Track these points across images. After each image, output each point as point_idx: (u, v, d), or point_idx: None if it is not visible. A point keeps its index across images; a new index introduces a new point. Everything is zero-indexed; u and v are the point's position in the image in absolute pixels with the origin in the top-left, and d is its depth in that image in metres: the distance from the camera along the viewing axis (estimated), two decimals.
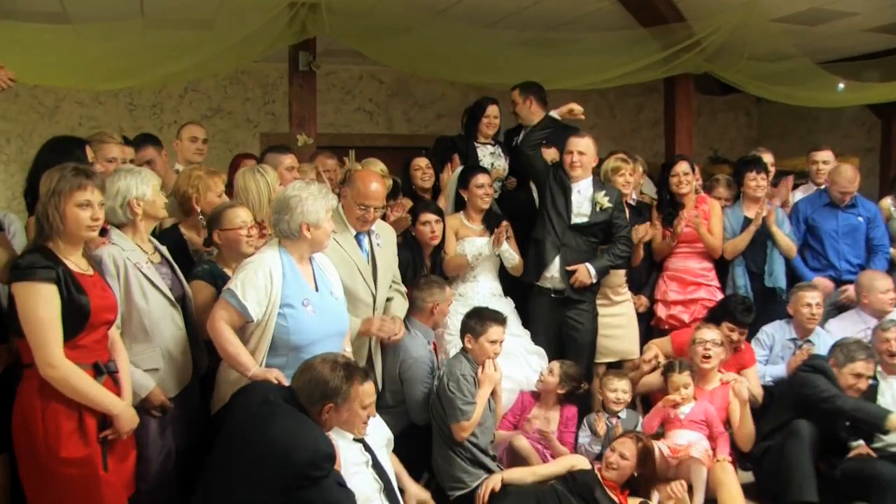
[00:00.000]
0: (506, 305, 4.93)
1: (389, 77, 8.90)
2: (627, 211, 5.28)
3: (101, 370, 2.96)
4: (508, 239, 4.96)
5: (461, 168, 5.27)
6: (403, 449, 4.12)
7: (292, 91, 6.60)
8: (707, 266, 5.37)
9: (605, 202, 4.95)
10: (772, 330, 5.10)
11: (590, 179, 5.04)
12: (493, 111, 5.66)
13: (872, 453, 4.21)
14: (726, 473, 4.14)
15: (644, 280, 5.45)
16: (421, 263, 4.80)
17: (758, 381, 4.86)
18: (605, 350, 5.15)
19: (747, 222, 5.36)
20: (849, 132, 8.87)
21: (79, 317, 2.89)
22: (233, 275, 3.50)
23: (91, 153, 3.72)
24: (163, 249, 3.56)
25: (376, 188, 3.97)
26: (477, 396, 4.06)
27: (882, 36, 7.15)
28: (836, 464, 4.22)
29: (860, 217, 5.57)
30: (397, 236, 4.51)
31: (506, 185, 5.62)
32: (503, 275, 5.06)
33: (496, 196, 5.39)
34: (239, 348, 3.32)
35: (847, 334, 4.80)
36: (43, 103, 7.99)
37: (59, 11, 6.12)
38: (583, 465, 4.11)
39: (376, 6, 6.14)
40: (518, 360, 4.72)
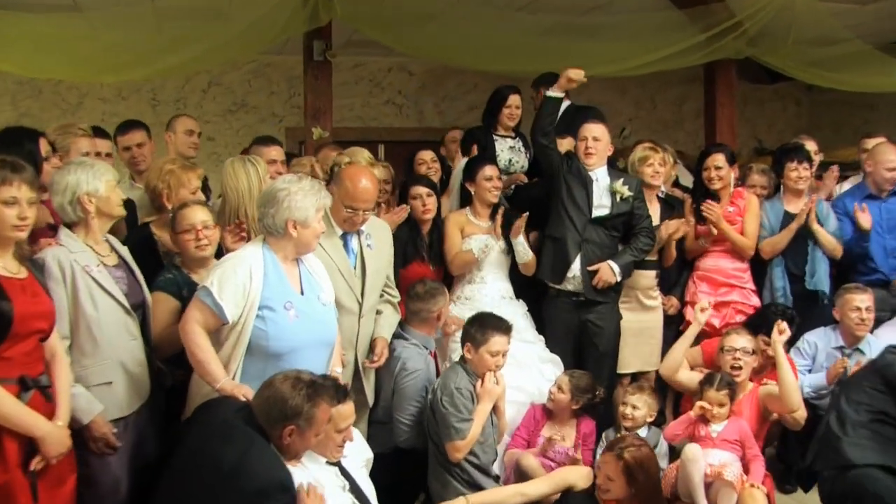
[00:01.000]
0: (517, 308, 4.56)
1: (420, 69, 8.59)
2: (658, 206, 4.86)
3: (28, 385, 2.66)
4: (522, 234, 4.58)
5: (466, 159, 4.88)
6: (398, 467, 3.82)
7: (307, 82, 6.33)
8: (741, 266, 4.89)
9: (626, 191, 4.55)
10: (814, 338, 4.63)
11: (605, 168, 4.65)
12: (515, 101, 5.25)
13: None
14: (756, 501, 3.70)
15: (675, 279, 5.00)
16: (420, 240, 4.53)
17: (799, 395, 4.32)
18: (632, 360, 4.74)
19: (788, 218, 4.88)
20: None
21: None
22: (209, 272, 3.20)
23: (45, 146, 3.45)
24: (122, 251, 3.28)
25: (366, 187, 3.60)
26: (475, 412, 3.71)
27: None
28: None
29: None
30: None
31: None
32: (515, 274, 4.67)
33: (509, 195, 5.01)
34: (209, 355, 3.03)
35: None
36: (66, 100, 7.90)
37: (68, 3, 5.93)
38: (581, 482, 3.70)
39: None
40: (530, 370, 4.34)
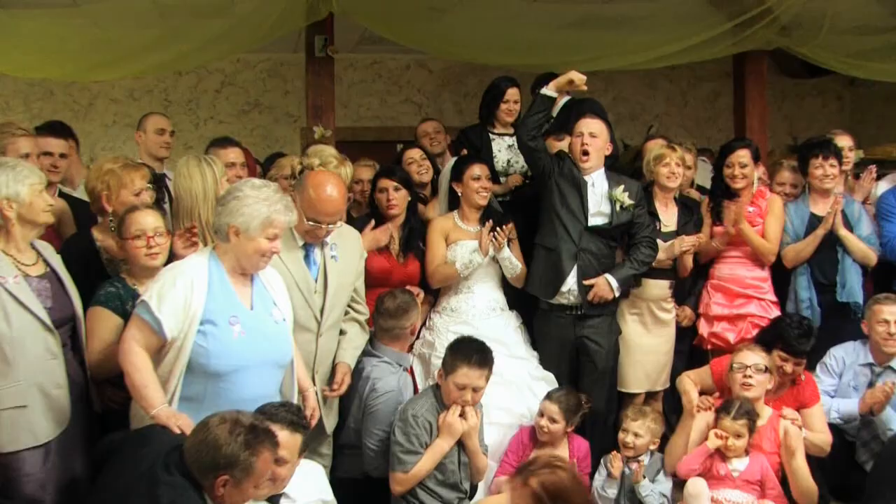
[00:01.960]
0: (509, 321, 4.19)
1: (439, 66, 8.28)
2: (676, 209, 4.42)
3: None
4: (511, 242, 4.19)
5: (454, 159, 4.50)
6: (369, 495, 3.49)
7: (308, 79, 6.04)
8: (760, 275, 4.41)
9: (626, 199, 4.12)
10: (841, 353, 4.16)
11: (602, 171, 4.22)
12: (514, 94, 4.83)
13: None
14: None
15: (689, 288, 4.55)
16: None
17: (824, 424, 3.91)
18: (642, 379, 4.32)
19: (814, 221, 4.39)
20: None
21: None
22: (149, 285, 2.91)
23: None
24: (51, 261, 3.00)
25: (331, 197, 3.26)
26: (430, 447, 3.34)
27: None
28: None
29: None
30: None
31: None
32: (508, 282, 4.27)
33: (507, 198, 4.63)
34: (147, 378, 2.74)
35: None
36: (77, 101, 7.79)
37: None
38: None
39: None
40: (519, 389, 3.96)
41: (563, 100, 4.82)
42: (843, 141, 4.67)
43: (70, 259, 3.16)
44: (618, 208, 4.13)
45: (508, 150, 4.75)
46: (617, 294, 4.13)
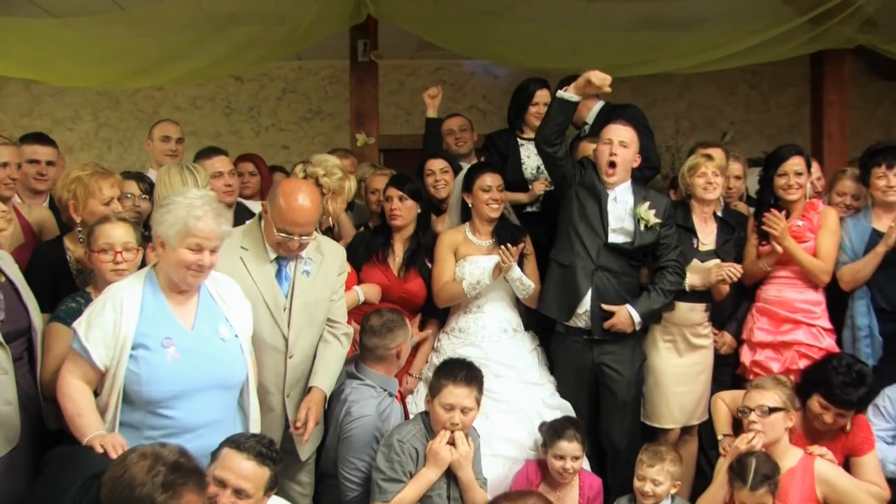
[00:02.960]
0: (522, 344, 3.83)
1: (504, 72, 7.97)
2: (715, 226, 3.97)
3: None
4: (525, 258, 3.85)
5: (468, 167, 4.19)
6: None
7: (351, 84, 5.91)
8: (813, 298, 3.89)
9: (652, 217, 3.71)
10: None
11: (628, 184, 3.82)
12: (543, 97, 4.46)
13: None
14: None
15: (730, 311, 4.08)
16: (385, 242, 3.90)
17: (879, 476, 3.38)
18: (676, 413, 3.90)
19: (875, 238, 3.85)
20: None
21: None
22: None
23: None
24: (8, 271, 2.86)
25: (302, 206, 3.02)
26: (415, 477, 3.03)
27: None
28: None
29: None
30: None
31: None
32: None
33: (534, 208, 4.30)
34: (81, 408, 2.57)
35: None
36: (142, 110, 7.91)
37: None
38: None
39: None
40: (529, 419, 3.60)
41: (598, 105, 4.46)
42: None
43: (39, 268, 3.05)
44: (642, 227, 3.73)
45: (537, 157, 4.40)
46: (638, 328, 3.74)
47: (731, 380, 4.02)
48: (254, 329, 2.96)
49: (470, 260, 3.82)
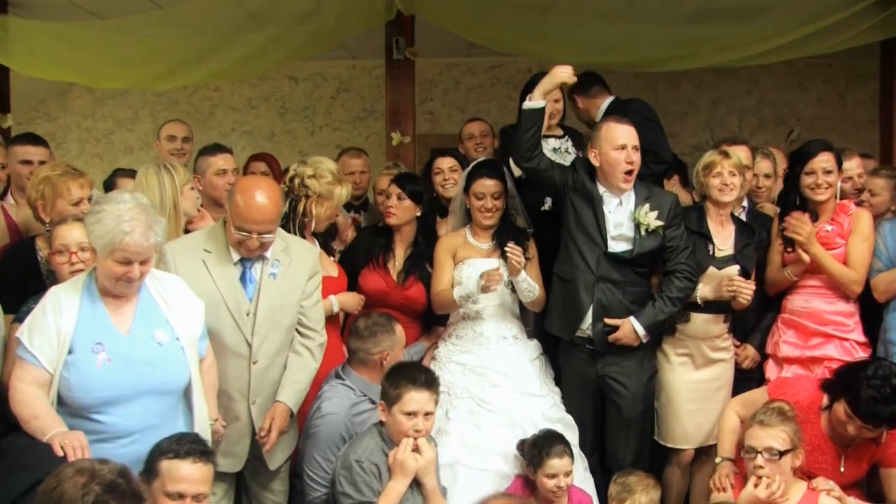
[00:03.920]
0: (523, 352, 3.61)
1: None
2: (733, 228, 3.67)
3: None
4: (529, 261, 3.63)
5: (471, 165, 3.98)
6: None
7: (387, 83, 5.77)
8: (844, 309, 3.54)
9: (652, 221, 3.44)
10: None
11: (630, 190, 3.56)
12: (554, 92, 4.24)
13: None
14: None
15: (754, 322, 3.76)
16: (385, 244, 3.79)
17: None
18: (692, 432, 3.62)
19: None
20: None
21: None
22: None
23: None
24: None
25: (260, 204, 2.88)
26: (384, 493, 2.86)
27: None
28: None
29: None
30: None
31: None
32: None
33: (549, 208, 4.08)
34: (37, 410, 2.50)
35: None
36: (199, 110, 8.00)
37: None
38: None
39: None
40: (525, 432, 3.36)
41: (606, 102, 4.21)
42: None
43: (9, 269, 3.04)
44: (642, 232, 3.46)
45: (553, 153, 4.13)
46: (644, 340, 3.48)
47: None
48: (216, 334, 2.90)
49: (468, 263, 3.64)
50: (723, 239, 3.62)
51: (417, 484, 2.92)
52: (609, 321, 3.46)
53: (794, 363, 3.57)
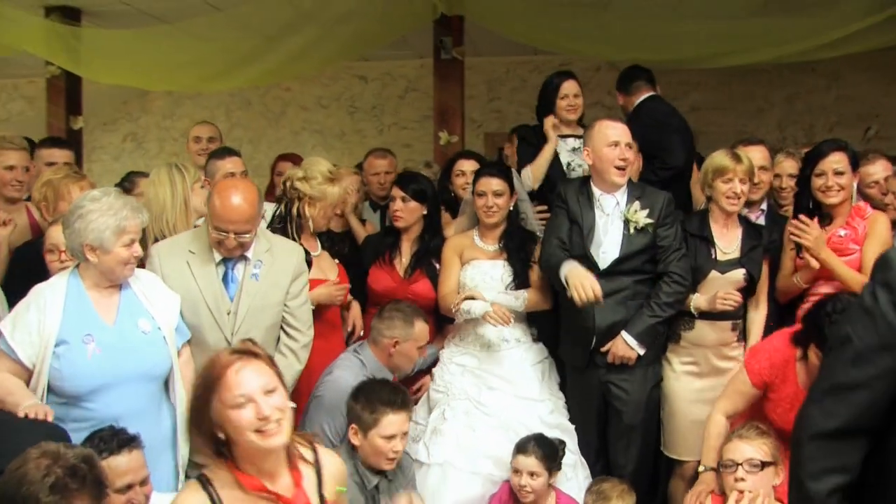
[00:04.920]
0: (525, 355, 3.55)
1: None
2: (740, 231, 3.49)
3: None
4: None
5: (480, 166, 3.94)
6: None
7: (434, 82, 5.83)
8: None
9: (642, 219, 3.33)
10: None
11: (624, 189, 3.46)
12: (571, 88, 4.14)
13: None
14: None
15: (765, 330, 3.53)
16: (392, 244, 3.83)
17: None
18: (695, 443, 3.44)
19: None
20: None
21: None
22: None
23: None
24: None
25: (234, 204, 2.95)
26: None
27: None
28: None
29: None
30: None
31: None
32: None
33: None
34: (11, 388, 2.65)
35: None
36: (270, 109, 8.22)
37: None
38: None
39: None
40: (518, 437, 3.26)
41: (641, 98, 4.15)
42: None
43: (17, 266, 3.21)
44: (631, 230, 3.35)
45: (571, 153, 4.10)
46: (641, 352, 3.36)
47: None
48: (197, 332, 3.01)
49: (473, 265, 3.62)
50: (727, 241, 3.46)
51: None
52: (603, 349, 3.39)
53: None
